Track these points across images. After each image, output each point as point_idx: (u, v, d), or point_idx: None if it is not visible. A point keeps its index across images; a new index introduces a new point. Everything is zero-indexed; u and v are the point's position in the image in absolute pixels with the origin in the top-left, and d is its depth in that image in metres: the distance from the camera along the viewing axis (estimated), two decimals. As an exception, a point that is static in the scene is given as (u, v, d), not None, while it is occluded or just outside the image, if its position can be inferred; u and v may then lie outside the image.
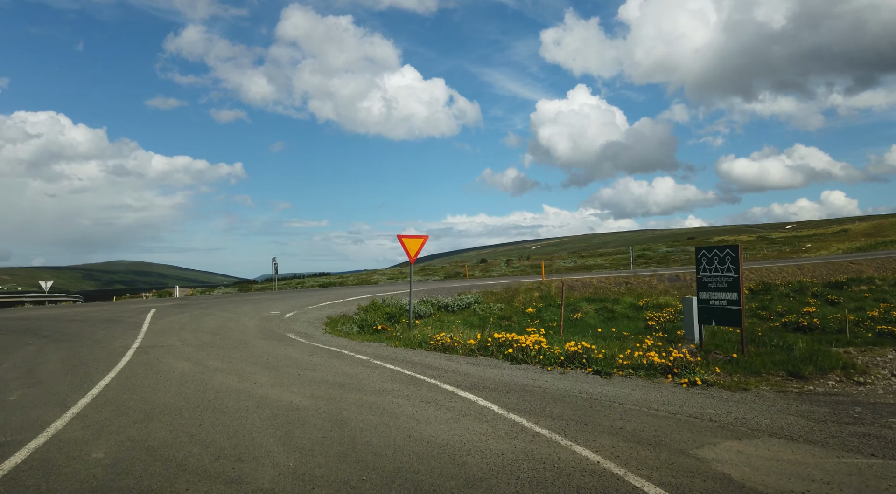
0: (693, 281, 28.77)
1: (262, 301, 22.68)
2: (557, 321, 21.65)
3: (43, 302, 30.51)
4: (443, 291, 25.14)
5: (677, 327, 19.58)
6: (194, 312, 17.69)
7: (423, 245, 13.28)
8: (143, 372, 8.31)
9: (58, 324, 15.19)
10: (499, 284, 27.03)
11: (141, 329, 13.68)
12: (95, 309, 20.55)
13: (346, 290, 30.30)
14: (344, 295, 23.89)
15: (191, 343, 11.31)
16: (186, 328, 13.75)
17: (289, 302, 21.68)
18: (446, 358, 9.55)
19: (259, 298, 24.78)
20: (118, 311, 18.84)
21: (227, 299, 24.63)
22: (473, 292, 24.47)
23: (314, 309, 18.60)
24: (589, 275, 29.52)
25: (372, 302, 18.87)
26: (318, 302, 21.30)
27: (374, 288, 31.01)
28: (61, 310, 20.50)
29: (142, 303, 24.07)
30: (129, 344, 11.18)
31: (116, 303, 25.33)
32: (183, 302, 22.15)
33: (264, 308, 19.17)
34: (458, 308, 21.95)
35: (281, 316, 16.67)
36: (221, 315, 16.84)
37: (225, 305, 20.40)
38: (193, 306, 20.30)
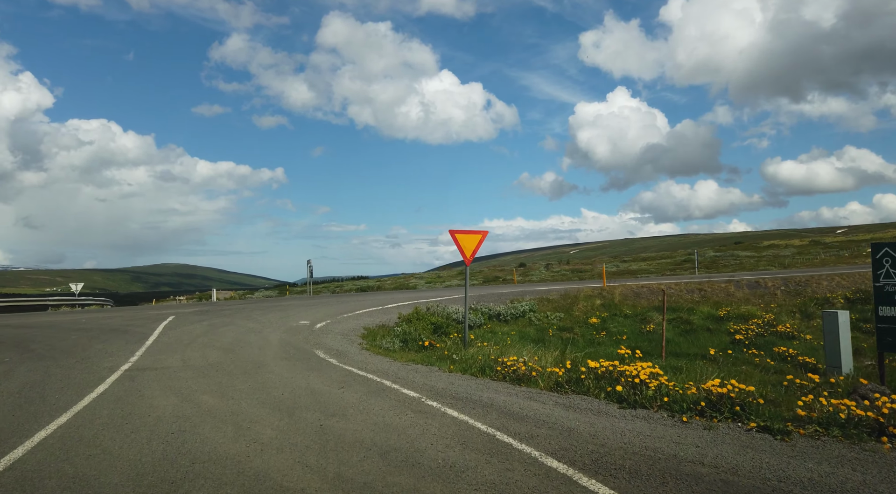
0: (777, 289, 25.26)
1: (293, 307, 20.49)
2: (626, 333, 18.70)
3: (72, 306, 29.35)
4: (491, 298, 22.50)
5: (771, 343, 16.38)
6: (214, 321, 15.53)
7: (481, 242, 10.69)
8: (110, 414, 5.96)
9: (57, 334, 13.21)
10: (554, 290, 24.19)
11: (145, 342, 11.51)
12: (113, 315, 18.71)
13: (385, 296, 28.00)
14: (383, 302, 21.49)
15: (194, 364, 8.98)
16: (197, 342, 11.50)
17: (322, 309, 19.41)
18: (525, 395, 6.90)
19: (291, 304, 22.64)
20: (134, 318, 16.89)
21: (257, 305, 22.57)
22: (527, 299, 21.74)
23: (349, 319, 16.23)
24: (656, 281, 26.38)
25: (415, 311, 16.38)
26: (354, 309, 18.96)
27: (414, 294, 28.64)
28: (76, 317, 18.75)
29: (165, 309, 22.22)
30: (120, 365, 8.94)
31: (138, 308, 23.59)
32: (206, 309, 20.16)
33: (294, 316, 16.91)
34: (512, 317, 19.27)
35: (311, 326, 14.33)
36: (243, 324, 14.61)
37: (251, 312, 18.25)
38: (216, 313, 18.23)
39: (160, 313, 18.79)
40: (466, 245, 10.61)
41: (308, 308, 19.73)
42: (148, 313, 19.00)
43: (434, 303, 20.09)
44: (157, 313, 18.90)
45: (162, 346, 10.92)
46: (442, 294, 26.86)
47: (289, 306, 20.73)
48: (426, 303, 20.47)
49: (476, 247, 10.67)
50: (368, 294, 32.95)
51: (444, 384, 7.58)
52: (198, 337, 12.12)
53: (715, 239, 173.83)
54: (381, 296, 26.57)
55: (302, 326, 14.31)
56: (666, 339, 18.10)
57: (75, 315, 19.69)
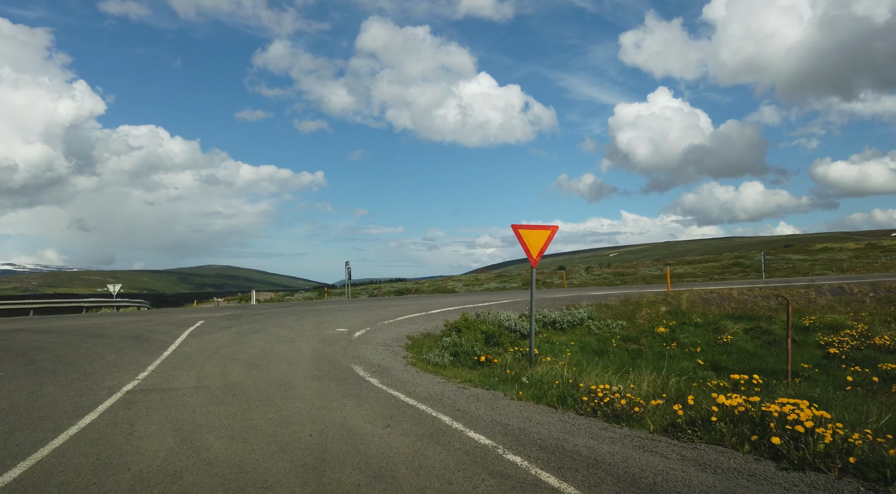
0: (866, 296, 22.47)
1: (330, 312, 19.04)
2: (700, 344, 16.51)
3: (108, 307, 28.80)
4: (543, 303, 20.60)
5: (871, 358, 13.96)
6: (244, 327, 14.15)
7: (550, 239, 8.88)
8: (78, 466, 4.42)
9: (72, 341, 12.01)
10: (613, 295, 22.08)
11: (163, 353, 10.12)
12: (140, 319, 17.61)
13: (427, 300, 26.38)
14: (425, 307, 19.83)
15: (209, 384, 7.47)
16: (220, 353, 10.04)
17: (361, 314, 17.88)
18: (635, 443, 5.05)
19: (328, 308, 21.23)
20: (161, 323, 15.69)
21: (292, 309, 21.24)
22: (584, 305, 19.75)
23: (391, 326, 14.62)
24: (727, 286, 23.94)
25: (463, 318, 14.65)
26: (395, 314, 17.36)
27: (458, 299, 26.96)
28: (104, 320, 17.73)
29: (197, 312, 21.10)
30: (123, 384, 7.50)
31: (170, 312, 22.56)
32: (238, 313, 18.90)
33: (331, 322, 15.41)
34: (569, 325, 17.34)
35: (349, 335, 12.77)
36: (275, 332, 13.15)
37: (285, 317, 16.86)
38: (248, 318, 16.91)
39: (190, 317, 17.59)
40: (533, 242, 8.81)
41: (346, 312, 18.25)
42: (178, 317, 17.84)
43: (482, 309, 18.32)
44: (186, 317, 17.72)
45: (179, 359, 9.48)
46: (487, 298, 25.09)
47: (326, 310, 19.30)
48: (473, 309, 18.73)
49: (545, 245, 8.86)
50: (408, 298, 31.43)
51: (520, 421, 5.79)
52: (222, 348, 10.67)
53: (762, 242, 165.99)
54: (424, 301, 24.96)
55: (339, 335, 12.75)
56: (747, 352, 15.85)
57: (104, 318, 18.71)
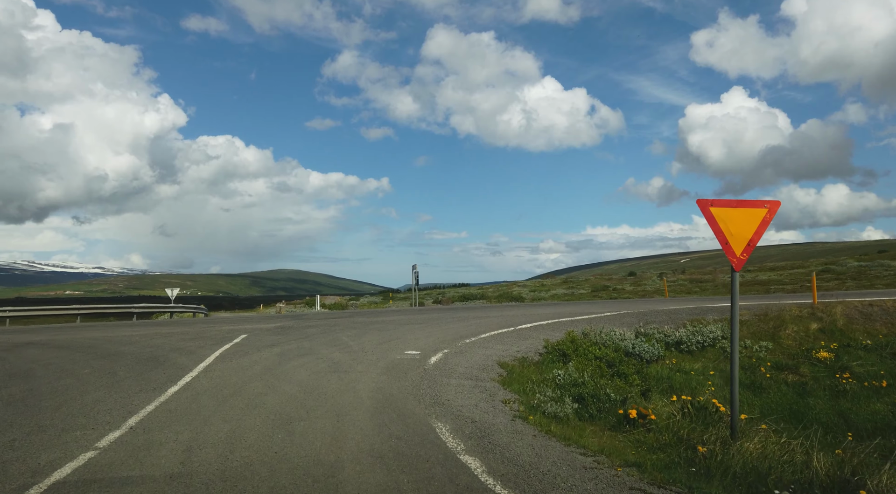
0: None
1: (397, 324, 15.97)
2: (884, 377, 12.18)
3: (160, 313, 27.02)
4: (654, 316, 16.72)
5: None
6: (289, 346, 11.23)
7: (766, 223, 5.27)
8: None
9: (77, 361, 9.42)
10: (743, 307, 17.80)
11: (168, 388, 7.25)
12: (176, 332, 15.13)
13: (510, 311, 22.95)
14: (512, 320, 16.36)
15: (198, 470, 4.39)
16: (242, 393, 7.03)
17: (434, 327, 14.68)
18: None
19: (394, 319, 18.19)
20: (196, 337, 13.10)
21: (352, 320, 18.30)
22: (711, 320, 15.73)
23: (474, 346, 11.30)
24: (889, 298, 19.12)
25: (569, 337, 11.15)
26: (476, 329, 14.03)
27: (546, 310, 23.42)
28: (137, 331, 15.39)
29: (244, 323, 18.59)
30: (64, 461, 4.55)
31: (214, 322, 20.10)
32: (289, 325, 16.09)
33: (398, 339, 12.28)
34: (698, 346, 13.44)
35: (422, 360, 9.56)
36: (326, 355, 10.13)
37: (342, 331, 13.89)
38: (299, 331, 14.06)
39: (234, 329, 14.97)
40: (736, 227, 5.25)
41: (416, 326, 15.08)
42: (220, 328, 15.26)
43: (581, 323, 14.70)
44: (230, 329, 15.11)
45: (183, 403, 6.52)
46: (576, 309, 21.46)
47: (392, 323, 16.22)
48: (570, 323, 15.14)
49: (756, 233, 5.26)
50: (484, 307, 28.13)
51: None
52: (250, 382, 7.68)
53: (848, 247, 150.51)
54: (506, 311, 21.52)
55: (409, 360, 9.55)
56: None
57: (142, 328, 16.41)
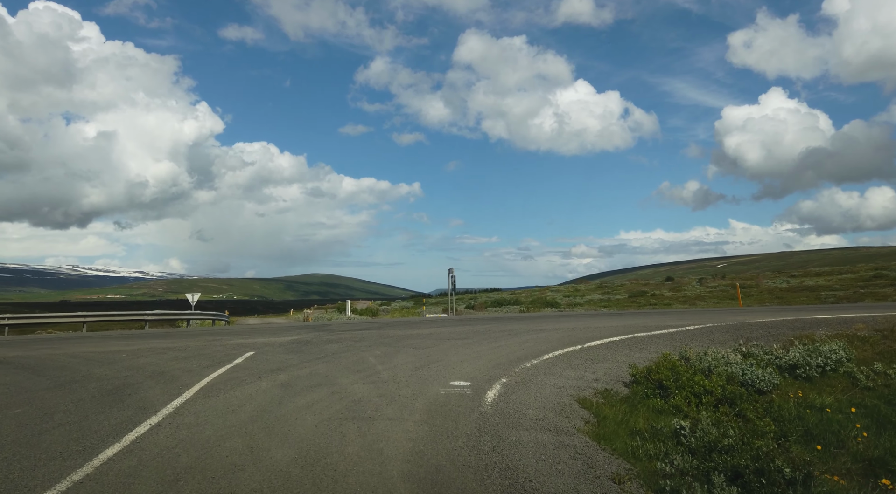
0: None
1: (435, 338, 13.39)
2: None
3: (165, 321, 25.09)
4: (752, 330, 13.70)
5: None
6: (301, 372, 8.75)
7: None
8: None
9: (37, 385, 7.15)
10: (857, 319, 14.61)
11: (117, 442, 4.85)
12: (171, 347, 12.86)
13: (562, 322, 20.12)
14: (575, 336, 13.55)
15: None
16: (215, 458, 4.56)
17: (481, 343, 12.02)
18: None
19: (431, 331, 15.61)
20: (192, 356, 10.79)
21: (383, 332, 15.77)
22: (823, 337, 12.64)
23: (539, 371, 8.61)
24: None
25: (667, 362, 8.38)
26: (534, 347, 11.31)
27: (611, 322, 20.57)
28: (126, 346, 13.17)
29: (257, 336, 16.28)
30: None
31: (223, 335, 17.76)
32: (308, 339, 13.63)
33: (439, 362, 9.68)
34: (817, 370, 10.42)
35: (475, 396, 6.95)
36: (345, 386, 7.61)
37: (369, 349, 11.36)
38: (317, 349, 11.61)
39: (243, 344, 12.63)
40: None
41: (459, 342, 12.45)
42: (227, 342, 12.94)
43: (663, 340, 11.88)
44: (239, 343, 12.78)
45: (129, 470, 4.08)
46: (643, 322, 18.60)
47: (429, 336, 13.62)
48: (645, 339, 12.28)
49: None
50: (538, 319, 25.37)
51: None
52: (227, 439, 5.20)
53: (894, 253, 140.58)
54: (563, 323, 18.70)
55: (457, 396, 6.95)
56: None
57: (134, 341, 14.18)
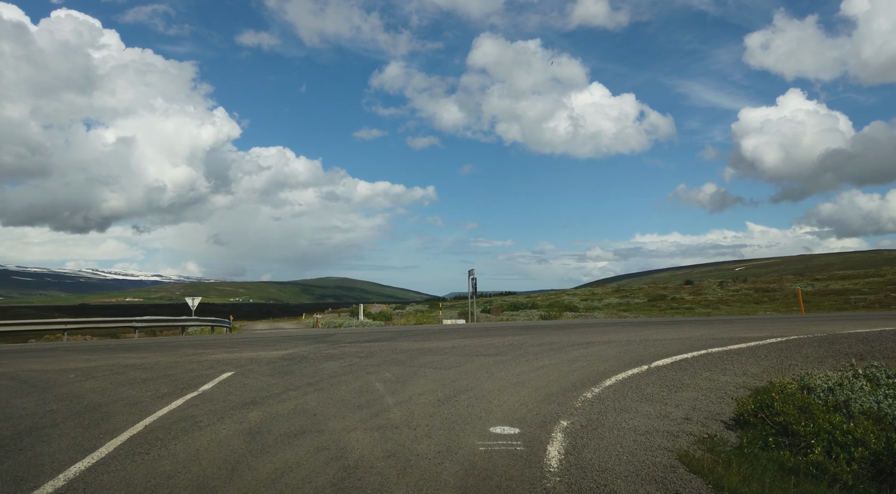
0: None
1: (459, 355, 10.98)
2: None
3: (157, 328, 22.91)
4: (847, 343, 11.08)
5: None
6: (282, 405, 6.40)
7: None
8: None
9: None
10: None
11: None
12: (131, 365, 10.59)
13: (610, 334, 17.58)
14: (632, 351, 11.01)
15: None
16: None
17: (518, 362, 9.56)
18: None
19: (453, 344, 13.21)
20: (161, 374, 8.51)
21: (393, 348, 13.35)
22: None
23: (607, 406, 6.14)
24: None
25: (780, 391, 5.86)
26: (587, 367, 8.81)
27: (650, 333, 18.04)
28: (83, 362, 10.97)
29: (245, 349, 13.98)
30: None
31: (206, 349, 15.26)
32: (303, 354, 11.26)
33: (468, 390, 7.25)
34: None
35: (532, 452, 4.56)
36: (338, 436, 5.24)
37: (377, 369, 8.95)
38: (311, 369, 9.22)
39: (223, 360, 10.33)
40: None
41: (490, 359, 9.99)
42: (205, 359, 10.64)
43: (744, 356, 9.36)
44: (219, 359, 10.48)
45: None
46: (709, 333, 16.03)
47: (451, 352, 11.17)
48: (722, 355, 9.67)
49: None
50: (576, 328, 22.89)
51: None
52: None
53: None
54: (611, 335, 16.18)
55: (504, 454, 4.54)
56: None
57: (104, 355, 11.93)
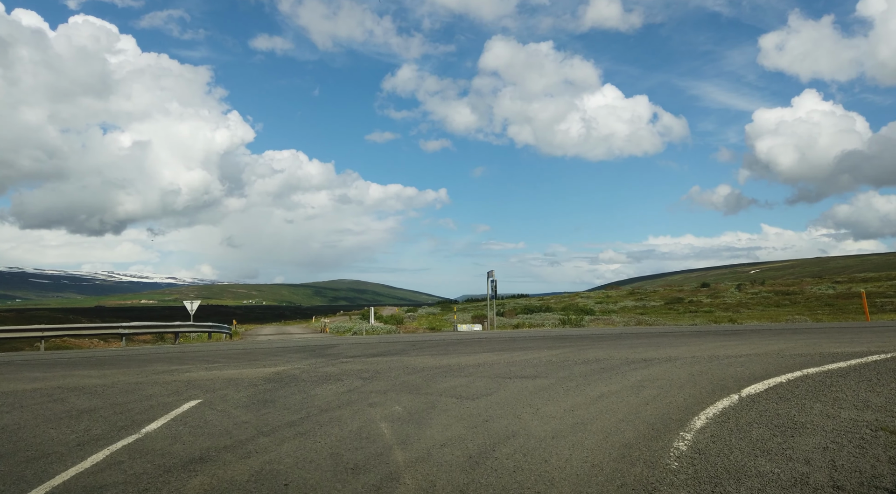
0: None
1: (487, 378, 8.93)
2: None
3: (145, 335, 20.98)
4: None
5: None
6: (241, 466, 4.38)
7: None
8: None
9: None
10: None
11: None
12: (91, 382, 8.66)
13: (662, 347, 15.19)
14: (714, 377, 8.80)
15: None
16: None
17: (571, 393, 7.45)
18: None
19: (475, 361, 11.17)
20: (105, 404, 6.54)
21: (404, 364, 11.28)
22: None
23: (716, 466, 3.98)
24: None
25: None
26: (656, 397, 6.63)
27: (716, 347, 15.79)
28: (29, 382, 9.04)
29: (222, 366, 12.01)
30: None
31: (179, 359, 13.24)
32: (294, 373, 9.17)
33: (510, 437, 5.15)
34: None
35: None
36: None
37: (384, 395, 6.88)
38: (301, 393, 7.15)
39: (194, 381, 8.33)
40: None
41: (528, 382, 7.87)
42: (172, 379, 8.64)
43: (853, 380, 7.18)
44: (187, 381, 8.47)
45: None
46: (791, 347, 13.81)
47: (476, 371, 9.05)
48: (823, 377, 7.42)
49: None
50: (611, 340, 20.66)
51: None
52: None
53: None
54: (664, 348, 13.89)
55: None
56: None
57: (58, 373, 9.97)
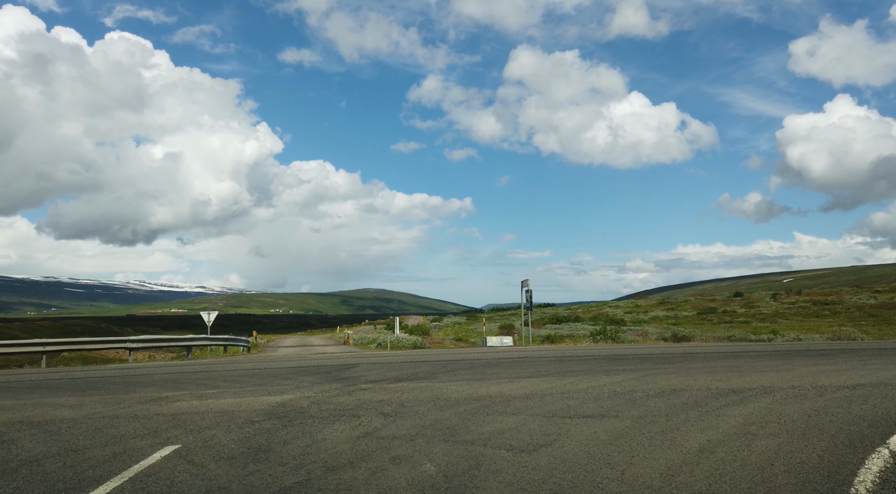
0: None
1: (543, 419, 7.30)
2: None
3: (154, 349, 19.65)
4: None
5: None
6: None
7: None
8: None
9: None
10: None
11: None
12: (68, 414, 7.31)
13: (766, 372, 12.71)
14: (840, 419, 7.01)
15: None
16: None
17: (656, 442, 5.76)
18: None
19: (521, 391, 9.53)
20: (71, 442, 5.12)
21: (435, 391, 9.53)
22: None
23: None
24: None
25: None
26: (785, 451, 4.91)
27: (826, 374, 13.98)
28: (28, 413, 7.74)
29: (219, 393, 10.54)
30: None
31: (161, 386, 11.64)
32: (300, 406, 7.53)
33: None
34: None
35: None
36: None
37: (410, 444, 5.33)
38: (309, 434, 5.62)
39: (179, 415, 6.89)
40: None
41: (598, 428, 6.22)
42: (156, 411, 7.21)
43: None
44: (172, 415, 7.03)
45: None
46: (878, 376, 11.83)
47: (526, 408, 7.38)
48: None
49: None
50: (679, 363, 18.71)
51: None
52: None
53: None
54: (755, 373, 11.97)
55: None
56: None
57: (38, 396, 8.66)
